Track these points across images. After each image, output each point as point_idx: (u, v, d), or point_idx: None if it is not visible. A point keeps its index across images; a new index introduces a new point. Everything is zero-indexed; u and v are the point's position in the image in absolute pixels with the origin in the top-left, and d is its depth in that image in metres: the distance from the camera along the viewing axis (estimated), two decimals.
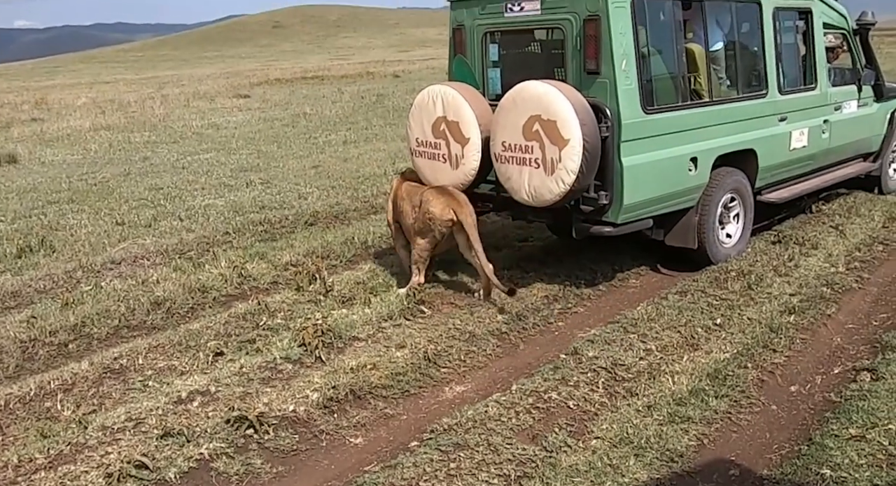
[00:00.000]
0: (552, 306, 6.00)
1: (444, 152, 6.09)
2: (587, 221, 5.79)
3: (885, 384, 4.44)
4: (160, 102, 26.93)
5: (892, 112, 8.66)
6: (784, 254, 6.84)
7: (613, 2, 5.38)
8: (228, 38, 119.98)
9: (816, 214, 8.10)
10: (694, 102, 6.16)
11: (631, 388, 4.60)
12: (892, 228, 7.64)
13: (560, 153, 5.30)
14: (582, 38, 5.51)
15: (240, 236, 8.30)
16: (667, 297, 5.98)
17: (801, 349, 5.11)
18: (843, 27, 7.93)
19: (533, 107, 5.41)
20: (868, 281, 6.31)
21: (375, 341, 5.46)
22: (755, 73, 6.77)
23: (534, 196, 5.58)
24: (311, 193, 10.28)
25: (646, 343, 5.16)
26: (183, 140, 16.70)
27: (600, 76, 5.48)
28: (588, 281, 6.46)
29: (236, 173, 12.13)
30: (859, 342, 5.21)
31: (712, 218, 6.41)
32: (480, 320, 5.71)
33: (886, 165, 8.81)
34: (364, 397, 4.69)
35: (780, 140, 6.94)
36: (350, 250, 7.66)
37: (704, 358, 4.97)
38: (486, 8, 6.18)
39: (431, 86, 6.21)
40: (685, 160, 5.99)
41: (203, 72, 54.63)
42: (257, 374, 5.00)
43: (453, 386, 4.87)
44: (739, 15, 6.61)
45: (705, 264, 6.56)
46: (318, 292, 6.39)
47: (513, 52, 6.38)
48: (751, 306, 5.76)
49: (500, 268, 6.79)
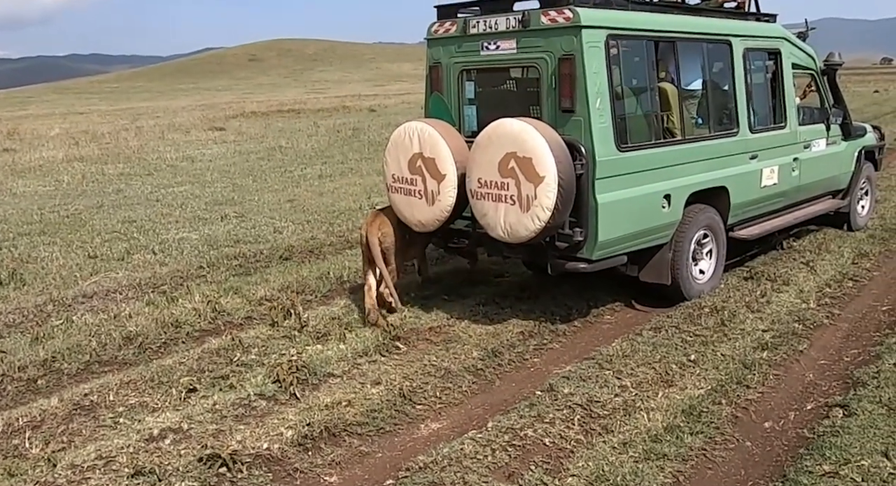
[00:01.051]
0: (528, 343, 6.00)
1: (420, 188, 6.11)
2: (562, 258, 5.82)
3: (857, 420, 4.48)
4: (134, 133, 26.85)
5: (859, 150, 8.84)
6: (756, 290, 6.91)
7: (588, 41, 5.47)
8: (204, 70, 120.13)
9: (787, 250, 8.20)
10: (667, 140, 6.25)
11: (606, 425, 4.60)
12: (861, 264, 7.75)
13: (535, 190, 5.34)
14: (557, 76, 5.59)
15: (214, 270, 8.25)
16: (641, 333, 6.01)
17: (775, 385, 5.15)
18: (811, 67, 8.11)
19: (509, 144, 5.46)
20: (839, 317, 6.38)
21: (350, 377, 5.43)
22: (726, 112, 6.90)
23: (509, 232, 5.61)
24: (286, 227, 10.25)
25: (621, 380, 5.17)
26: (157, 172, 16.62)
27: (575, 114, 5.55)
28: (563, 317, 6.48)
29: (211, 206, 12.08)
30: (831, 378, 5.26)
31: (686, 254, 6.47)
32: (456, 357, 5.70)
33: (855, 202, 8.97)
34: (339, 434, 4.65)
35: (751, 178, 7.04)
36: (325, 285, 7.63)
37: (679, 394, 4.99)
38: (463, 46, 6.25)
39: (408, 122, 6.25)
40: (659, 197, 6.06)
41: (178, 104, 54.58)
42: (231, 411, 4.94)
43: (429, 423, 4.84)
44: (711, 55, 6.73)
45: (679, 299, 6.61)
46: (293, 328, 6.35)
47: (489, 89, 6.45)
48: (724, 342, 5.81)
49: (476, 303, 6.83)
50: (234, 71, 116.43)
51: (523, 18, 5.72)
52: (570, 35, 5.49)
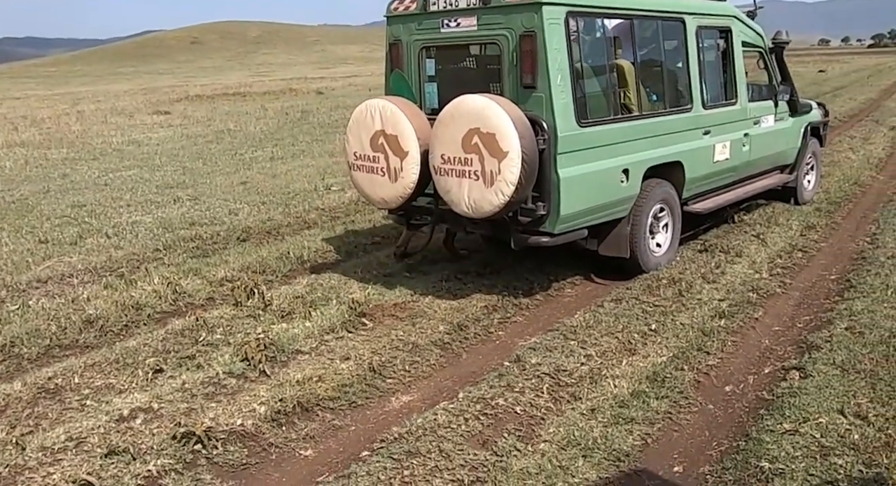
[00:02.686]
0: (492, 316, 6.09)
1: (383, 166, 6.14)
2: (525, 232, 5.91)
3: (814, 381, 4.66)
4: (76, 118, 26.27)
5: (805, 126, 9.10)
6: (711, 262, 7.11)
7: (549, 18, 5.54)
8: (144, 53, 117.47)
9: (739, 223, 8.44)
10: (625, 115, 6.37)
11: (575, 392, 4.72)
12: (809, 236, 8.01)
13: (499, 165, 5.41)
14: (518, 53, 5.65)
15: (171, 253, 8.17)
16: (603, 305, 6.14)
17: (733, 351, 5.32)
18: (759, 45, 8.31)
19: (472, 120, 5.51)
20: (790, 286, 6.60)
21: (319, 354, 5.45)
22: (681, 89, 7.05)
23: (474, 208, 5.68)
24: (241, 209, 10.18)
25: (585, 349, 5.30)
26: (103, 157, 16.30)
27: (536, 90, 5.62)
28: (525, 291, 6.59)
29: (162, 190, 11.92)
30: (786, 343, 5.45)
31: (643, 228, 6.62)
32: (422, 331, 5.76)
33: (801, 177, 9.24)
34: (312, 409, 4.68)
35: (704, 153, 7.22)
36: (286, 265, 7.62)
37: (643, 362, 5.12)
38: (423, 23, 6.27)
39: (370, 100, 6.26)
40: (618, 172, 6.18)
41: (119, 88, 53.37)
42: (200, 389, 4.93)
43: (400, 396, 4.90)
44: (666, 33, 6.86)
45: (637, 272, 6.76)
46: (257, 307, 6.34)
47: (449, 67, 6.48)
48: (683, 312, 5.97)
49: (439, 280, 6.90)
50: (175, 54, 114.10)
51: None
52: (531, 12, 5.55)
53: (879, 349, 5.04)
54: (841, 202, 9.46)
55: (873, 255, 7.12)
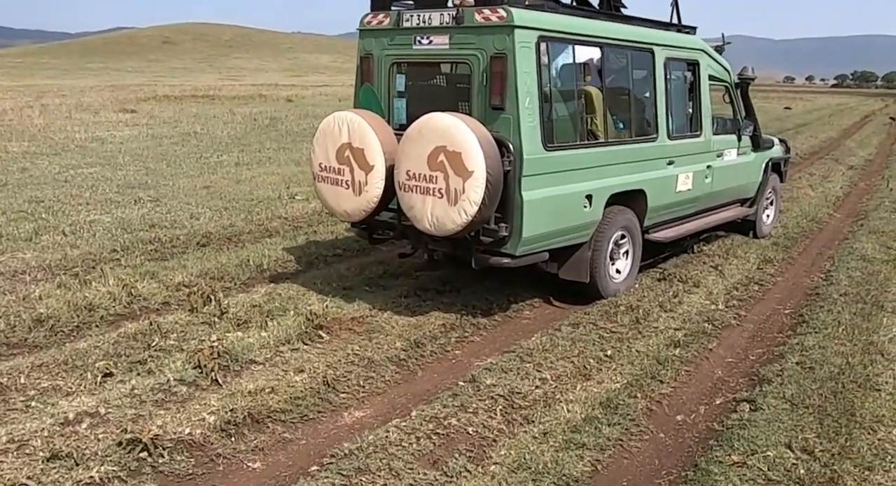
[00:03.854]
0: (449, 335, 6.09)
1: (348, 179, 6.12)
2: (486, 252, 5.92)
3: (763, 415, 4.72)
4: (39, 111, 25.82)
5: (767, 161, 9.27)
6: (669, 291, 7.18)
7: (520, 41, 5.58)
8: (114, 50, 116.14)
9: (698, 254, 8.54)
10: (591, 141, 6.43)
11: (528, 415, 4.72)
12: (766, 269, 8.14)
13: (464, 185, 5.42)
14: (488, 74, 5.68)
15: (128, 254, 8.05)
16: (560, 328, 6.17)
17: (686, 381, 5.37)
18: (726, 80, 8.46)
19: (439, 138, 5.52)
20: (745, 318, 6.69)
21: (273, 364, 5.40)
22: (647, 118, 7.13)
23: (436, 226, 5.68)
24: (203, 213, 10.07)
25: (541, 372, 5.31)
26: (65, 152, 16.04)
27: (504, 112, 5.65)
28: (484, 311, 6.60)
29: (123, 190, 11.75)
30: (738, 375, 5.52)
31: (604, 254, 6.67)
32: (379, 347, 5.74)
33: (761, 211, 9.40)
34: (262, 420, 4.63)
35: (667, 182, 7.31)
36: (245, 272, 7.55)
37: (597, 388, 5.15)
38: (396, 39, 6.28)
39: (338, 112, 6.24)
40: (581, 197, 6.23)
41: (86, 83, 52.68)
42: (150, 396, 4.86)
43: (353, 411, 4.86)
44: (635, 62, 6.95)
45: (596, 297, 6.81)
46: (213, 314, 6.26)
47: (419, 83, 6.49)
48: (639, 339, 6.02)
49: (398, 295, 6.88)
50: (145, 53, 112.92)
51: (457, 15, 5.79)
52: (503, 34, 5.58)
53: (828, 385, 5.12)
54: (798, 238, 9.64)
55: (826, 291, 7.25)
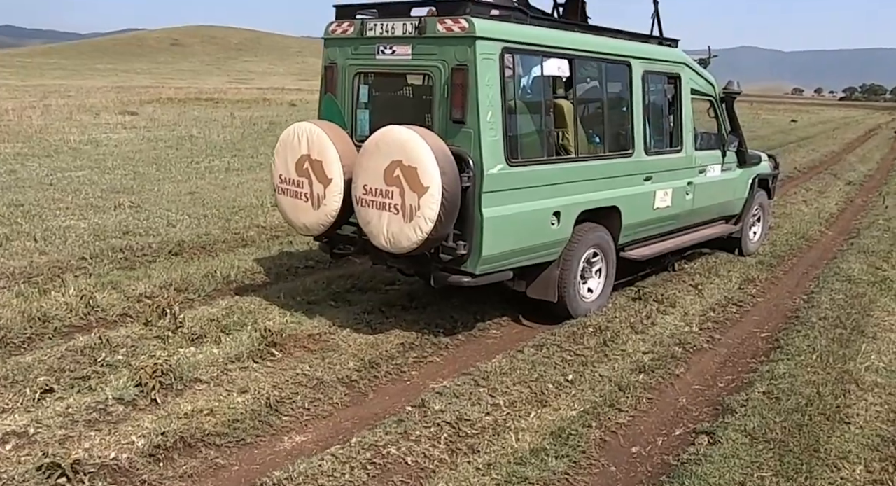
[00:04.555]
0: (407, 355, 5.88)
1: (307, 191, 5.94)
2: (446, 270, 5.72)
3: (721, 449, 4.49)
4: (41, 112, 25.82)
5: (753, 178, 9.00)
6: (643, 311, 6.95)
7: (482, 53, 5.38)
8: (124, 51, 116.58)
9: (678, 272, 8.31)
10: (560, 157, 6.22)
11: (473, 445, 4.51)
12: (747, 289, 7.90)
13: (419, 201, 5.22)
14: (450, 86, 5.48)
15: (97, 262, 7.89)
16: (523, 350, 5.94)
17: (647, 410, 5.14)
18: (710, 94, 8.22)
19: (395, 152, 5.33)
20: (718, 342, 6.45)
21: (218, 384, 5.20)
22: (622, 133, 6.91)
23: (392, 242, 5.48)
24: (181, 220, 9.90)
25: (494, 398, 5.09)
26: (57, 154, 15.96)
27: (465, 126, 5.45)
28: (447, 330, 6.39)
29: (107, 194, 11.61)
30: (703, 404, 5.29)
31: (573, 273, 6.45)
32: (331, 367, 5.53)
33: (747, 229, 9.14)
34: (195, 445, 4.44)
35: (644, 199, 7.08)
36: (210, 283, 7.37)
37: (551, 415, 4.93)
38: (360, 48, 6.09)
39: (298, 122, 6.06)
40: (548, 214, 6.01)
41: (93, 84, 52.81)
42: (84, 415, 4.67)
43: (293, 436, 4.67)
44: (609, 75, 6.74)
45: (566, 317, 6.59)
46: (167, 328, 6.08)
47: (383, 94, 6.30)
48: (604, 363, 5.79)
49: (362, 311, 6.68)
50: (155, 54, 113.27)
51: (419, 25, 5.59)
52: (465, 45, 5.38)
53: (793, 418, 4.89)
54: (785, 256, 9.38)
55: (806, 314, 7.00)
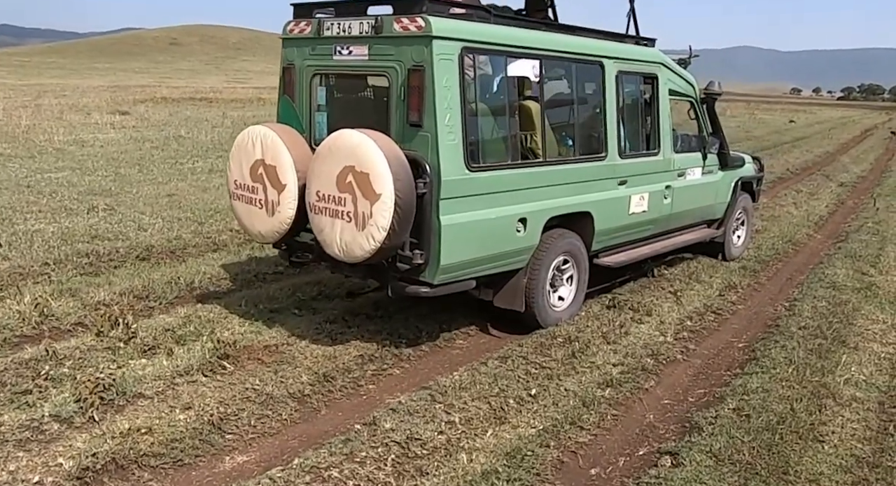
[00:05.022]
0: (366, 367, 5.64)
1: (261, 198, 5.71)
2: (403, 280, 5.48)
3: (683, 471, 4.26)
4: (32, 111, 25.60)
5: (736, 181, 8.74)
6: (616, 320, 6.70)
7: (439, 53, 5.13)
8: (122, 50, 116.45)
9: (658, 278, 8.06)
10: (525, 161, 5.96)
11: (421, 466, 4.27)
12: (728, 296, 7.65)
13: (371, 208, 4.99)
14: (406, 88, 5.24)
15: (59, 268, 7.66)
16: (487, 362, 5.70)
17: (611, 427, 4.90)
18: (689, 95, 7.96)
19: (347, 157, 5.09)
20: (693, 353, 6.21)
21: (162, 399, 4.97)
22: (594, 136, 6.66)
23: (345, 251, 5.25)
24: (153, 224, 9.68)
25: (450, 415, 4.85)
26: (41, 155, 15.74)
27: (422, 129, 5.20)
28: (411, 341, 6.15)
29: (84, 197, 11.39)
30: (671, 420, 5.05)
31: (542, 281, 6.20)
32: (283, 380, 5.29)
33: (730, 233, 8.87)
34: (127, 466, 4.21)
35: (618, 204, 6.84)
36: (173, 290, 7.14)
37: (509, 434, 4.69)
38: (317, 48, 5.85)
39: (253, 126, 5.83)
40: (513, 221, 5.77)
41: (90, 83, 52.67)
42: (16, 434, 4.45)
43: (235, 456, 4.43)
44: (580, 76, 6.50)
45: (535, 326, 6.35)
46: (119, 339, 5.86)
47: (341, 96, 6.06)
48: (571, 376, 5.56)
49: (324, 320, 6.45)
50: (153, 54, 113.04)
51: (376, 24, 5.34)
52: (421, 45, 5.13)
53: (763, 437, 4.65)
54: (770, 261, 9.12)
55: (786, 323, 6.75)
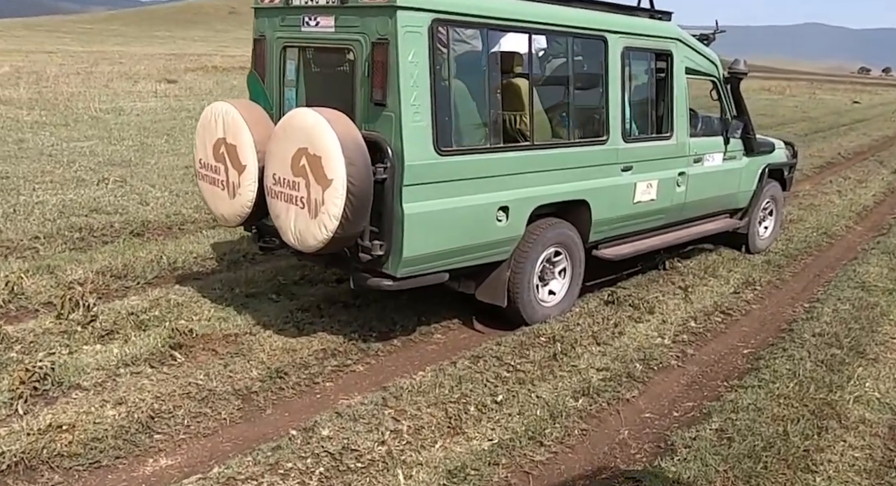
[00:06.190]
0: (326, 363, 5.25)
1: (223, 178, 5.35)
2: (366, 272, 5.07)
3: None
4: (83, 78, 25.89)
5: (764, 167, 8.06)
6: (612, 317, 6.20)
7: (405, 25, 4.66)
8: (182, 19, 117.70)
9: (669, 271, 7.47)
10: (510, 145, 5.47)
11: (350, 482, 3.89)
12: (743, 294, 7.03)
13: (323, 195, 4.58)
14: (371, 63, 4.79)
15: (49, 243, 7.48)
16: (456, 362, 5.27)
17: (575, 444, 4.42)
18: (711, 74, 7.29)
19: (301, 138, 4.68)
20: (690, 359, 5.67)
21: (98, 391, 4.67)
22: (595, 117, 6.11)
23: (299, 239, 4.86)
24: (158, 197, 9.46)
25: (399, 422, 4.44)
26: (75, 124, 15.74)
27: (386, 109, 4.75)
28: (382, 334, 5.73)
29: (101, 167, 11.26)
30: (647, 438, 4.55)
31: (528, 275, 5.72)
32: (232, 375, 4.94)
33: (755, 224, 8.20)
34: (38, 468, 3.92)
35: (620, 191, 6.29)
36: (154, 270, 6.88)
37: (460, 447, 4.26)
38: (286, 19, 5.42)
39: (217, 102, 5.46)
40: (492, 209, 5.29)
41: (149, 51, 53.24)
42: None
43: (159, 459, 4.10)
44: (578, 51, 5.95)
45: (521, 322, 5.89)
46: (78, 322, 5.59)
47: (311, 72, 5.61)
48: (546, 382, 5.09)
49: (297, 308, 6.09)
50: (212, 22, 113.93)
51: None
52: (385, 16, 4.66)
53: (742, 466, 4.13)
54: (798, 255, 8.41)
55: (801, 328, 6.15)
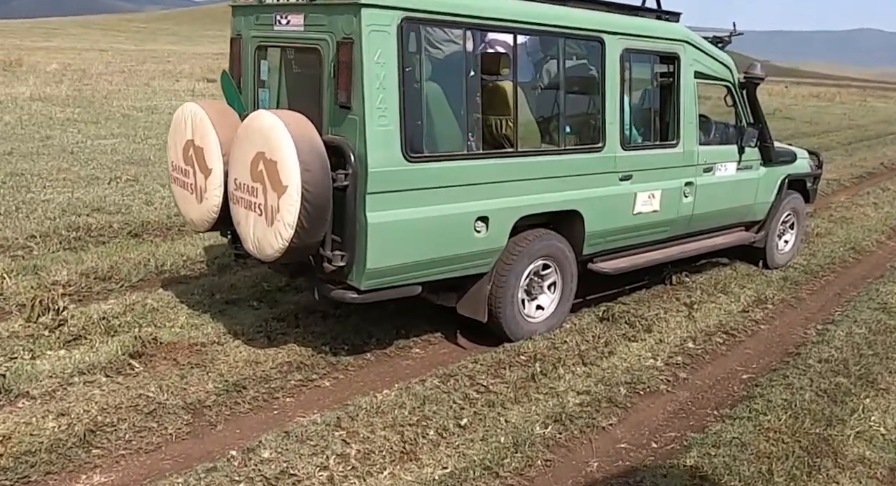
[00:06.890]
0: (290, 377, 5.00)
1: (192, 182, 5.15)
2: (330, 283, 4.82)
3: None
4: (126, 76, 26.16)
5: (783, 178, 7.60)
6: (605, 336, 5.85)
7: (370, 23, 4.38)
8: None
9: (676, 286, 7.07)
10: (490, 151, 5.17)
11: None
12: (752, 313, 6.61)
13: (278, 202, 4.34)
14: (336, 64, 4.53)
15: (44, 242, 7.40)
16: (426, 380, 4.98)
17: (535, 476, 4.10)
18: (724, 79, 6.87)
19: (259, 142, 4.45)
20: (682, 383, 5.30)
21: (45, 401, 4.50)
22: (589, 123, 5.78)
23: (258, 248, 4.63)
24: (165, 197, 9.33)
25: (348, 446, 4.17)
26: (105, 121, 15.81)
27: (351, 112, 4.49)
28: (356, 347, 5.47)
29: (118, 165, 11.25)
30: (616, 472, 4.20)
31: (511, 289, 5.41)
32: (186, 387, 4.73)
33: (774, 237, 7.75)
34: None
35: (617, 202, 5.93)
36: (140, 272, 6.73)
37: (409, 475, 3.98)
38: (260, 18, 5.19)
39: (187, 103, 5.26)
40: (468, 219, 4.98)
41: (200, 50, 53.92)
42: None
43: (93, 476, 3.90)
44: (571, 53, 5.62)
45: (504, 338, 5.59)
46: (47, 326, 5.45)
47: (284, 72, 5.36)
48: (520, 405, 4.77)
49: (273, 317, 5.88)
50: None
51: None
52: (350, 14, 4.39)
53: None
54: (820, 272, 7.91)
55: (809, 353, 5.74)
